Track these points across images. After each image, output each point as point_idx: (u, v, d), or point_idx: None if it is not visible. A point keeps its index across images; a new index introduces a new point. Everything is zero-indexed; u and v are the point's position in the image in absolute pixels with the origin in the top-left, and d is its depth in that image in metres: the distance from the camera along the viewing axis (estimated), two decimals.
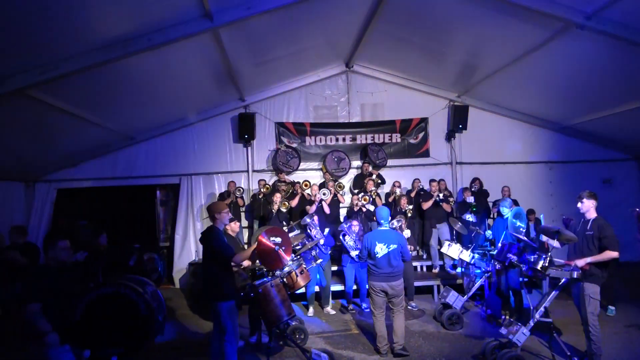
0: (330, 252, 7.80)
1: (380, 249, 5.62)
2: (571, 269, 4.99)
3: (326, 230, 7.78)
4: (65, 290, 4.10)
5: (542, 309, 5.22)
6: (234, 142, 10.47)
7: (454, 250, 7.43)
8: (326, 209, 8.81)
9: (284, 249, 5.15)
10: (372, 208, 8.69)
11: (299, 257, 6.45)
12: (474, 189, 9.59)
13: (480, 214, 9.35)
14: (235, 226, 6.29)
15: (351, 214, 8.95)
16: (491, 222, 9.41)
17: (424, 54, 9.13)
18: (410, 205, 8.82)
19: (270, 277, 5.49)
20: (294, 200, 9.18)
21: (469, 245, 7.55)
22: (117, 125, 8.74)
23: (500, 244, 6.63)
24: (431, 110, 10.86)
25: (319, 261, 7.05)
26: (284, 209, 8.60)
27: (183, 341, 6.66)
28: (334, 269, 8.21)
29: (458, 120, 10.43)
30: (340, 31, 8.57)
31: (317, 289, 7.84)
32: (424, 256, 9.55)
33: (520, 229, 6.44)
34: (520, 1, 6.21)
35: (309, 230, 7.49)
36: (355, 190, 9.87)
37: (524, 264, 5.48)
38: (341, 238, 7.69)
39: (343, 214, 9.89)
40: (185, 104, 9.41)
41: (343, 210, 9.95)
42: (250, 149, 10.45)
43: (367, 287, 5.95)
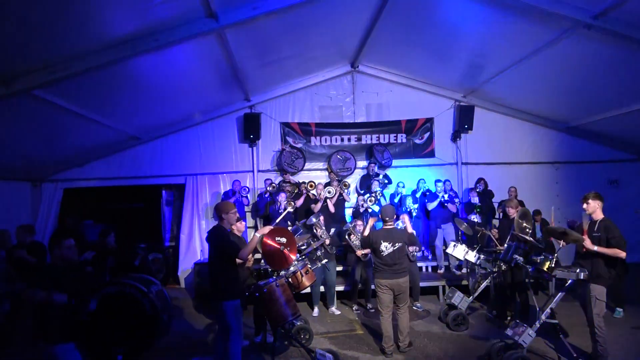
0: (335, 252, 7.79)
1: (386, 247, 5.67)
2: (578, 271, 4.96)
3: (332, 230, 7.79)
4: (71, 289, 4.12)
5: (548, 310, 5.20)
6: (240, 142, 10.49)
7: (460, 251, 7.41)
8: (331, 208, 8.82)
9: (289, 249, 5.16)
10: (377, 208, 8.69)
11: (304, 257, 6.46)
12: (479, 190, 9.55)
13: (486, 214, 9.32)
14: (241, 226, 6.31)
15: (357, 214, 8.95)
16: (496, 223, 9.40)
17: (429, 54, 9.09)
18: (415, 205, 8.80)
19: (275, 277, 5.50)
20: (299, 200, 9.18)
21: (475, 245, 7.52)
22: (123, 125, 8.77)
23: (506, 245, 6.60)
24: (437, 111, 10.83)
25: (324, 261, 7.05)
26: (291, 209, 8.61)
27: (188, 340, 6.68)
28: (339, 269, 8.20)
29: (464, 120, 10.40)
30: (346, 31, 8.56)
31: (323, 288, 7.84)
32: (429, 257, 9.53)
33: (526, 229, 6.41)
34: (527, 0, 6.18)
35: (315, 230, 7.49)
36: (361, 191, 9.86)
37: (529, 265, 5.46)
38: (347, 237, 7.69)
39: (349, 214, 9.88)
40: (191, 104, 9.42)
41: (349, 211, 9.94)
42: (256, 149, 10.46)
43: (373, 287, 5.96)
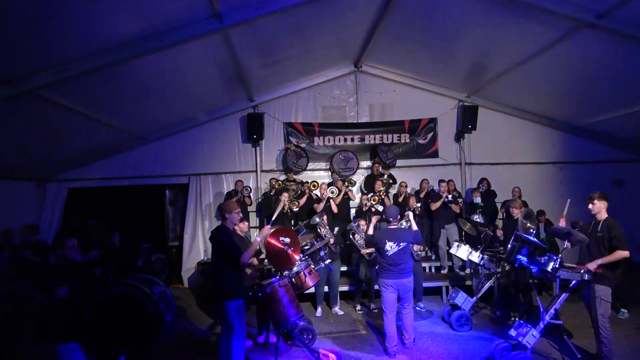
0: (339, 251, 7.79)
1: (390, 247, 5.70)
2: (583, 272, 4.94)
3: (335, 229, 7.78)
4: (75, 289, 4.13)
5: (553, 311, 5.17)
6: (243, 142, 10.50)
7: (463, 251, 7.38)
8: (334, 208, 8.80)
9: (292, 249, 5.16)
10: (381, 208, 8.68)
11: (307, 258, 6.46)
12: (481, 190, 9.53)
13: (488, 214, 9.30)
14: (244, 226, 6.31)
15: (359, 214, 8.94)
16: (499, 223, 9.37)
17: (433, 54, 9.08)
18: (418, 203, 8.79)
19: (278, 277, 5.51)
20: (302, 200, 9.18)
21: (478, 246, 7.50)
22: (127, 125, 8.81)
23: (510, 245, 6.58)
24: (440, 111, 10.82)
25: (328, 262, 7.05)
26: (295, 208, 8.61)
27: (191, 340, 6.70)
28: (343, 268, 8.20)
29: (467, 120, 10.37)
30: (349, 31, 8.56)
31: (326, 289, 7.84)
32: (433, 257, 9.51)
33: (530, 230, 6.38)
34: (531, 0, 6.16)
35: (319, 230, 7.48)
36: (366, 191, 9.86)
37: (534, 266, 5.44)
38: (351, 237, 7.68)
39: (353, 213, 9.88)
40: (195, 104, 9.46)
41: (353, 210, 9.94)
42: (259, 149, 10.47)
43: (377, 287, 5.97)
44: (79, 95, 6.67)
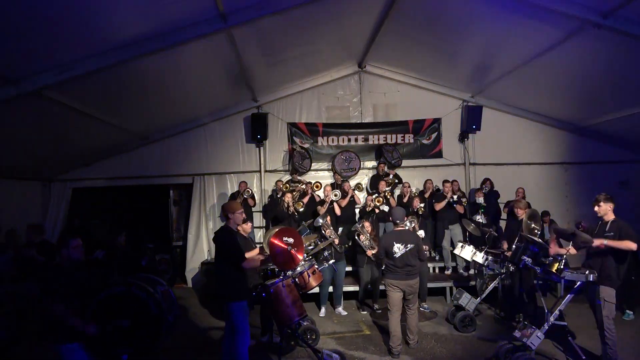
0: (344, 251, 7.78)
1: (398, 249, 5.74)
2: (587, 273, 4.90)
3: (340, 229, 7.77)
4: (79, 288, 4.14)
5: (557, 312, 5.15)
6: (247, 142, 10.50)
7: (467, 252, 7.36)
8: (337, 211, 8.78)
9: (296, 249, 5.16)
10: (387, 209, 8.65)
11: (311, 258, 6.45)
12: (484, 190, 9.49)
13: (491, 215, 9.26)
14: (247, 227, 6.30)
15: (363, 214, 8.91)
16: (502, 224, 9.33)
17: (437, 54, 9.06)
18: (422, 204, 8.76)
19: (281, 277, 5.50)
20: (304, 199, 9.15)
21: (482, 246, 7.47)
22: (132, 125, 8.84)
23: (514, 246, 6.56)
24: (444, 111, 10.79)
25: (331, 262, 7.04)
26: (300, 208, 8.59)
27: (195, 340, 6.71)
28: (348, 269, 8.19)
29: (472, 120, 10.32)
30: (353, 31, 8.55)
31: (331, 289, 7.83)
32: (437, 257, 9.48)
33: (535, 230, 6.36)
34: (535, 0, 6.13)
35: (323, 231, 7.48)
36: (372, 191, 9.84)
37: (538, 267, 5.41)
38: (356, 238, 7.66)
39: (358, 214, 9.85)
40: (199, 104, 9.48)
41: (358, 210, 9.91)
42: (263, 149, 10.47)
43: (381, 287, 5.98)
44: (83, 96, 6.69)
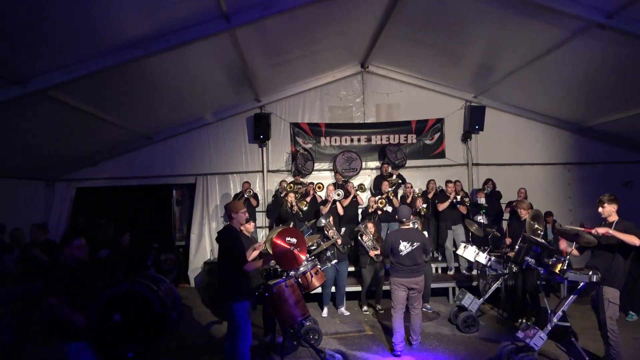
0: (346, 252, 7.78)
1: (404, 247, 5.77)
2: (591, 274, 4.89)
3: (343, 229, 7.77)
4: (83, 288, 4.16)
5: (560, 313, 5.14)
6: (250, 143, 10.52)
7: (470, 253, 7.35)
8: (340, 211, 8.78)
9: (298, 249, 5.16)
10: (390, 209, 8.65)
11: (313, 258, 6.46)
12: (486, 191, 9.48)
13: (492, 215, 9.25)
14: (250, 227, 6.32)
15: (366, 215, 8.91)
16: (503, 224, 9.31)
17: (440, 54, 9.05)
18: (424, 204, 8.75)
19: (284, 277, 5.51)
20: (306, 199, 9.15)
21: (485, 247, 7.46)
22: (135, 125, 8.88)
23: (517, 247, 6.55)
24: (447, 111, 10.77)
25: (334, 262, 7.04)
26: (304, 207, 8.59)
27: (197, 339, 6.72)
28: (350, 269, 8.19)
29: (475, 120, 10.32)
30: (356, 31, 8.55)
31: (333, 289, 7.84)
32: (439, 258, 9.47)
33: (538, 231, 6.34)
34: (539, 0, 6.11)
35: (326, 231, 7.48)
36: (375, 192, 9.83)
37: (541, 267, 5.40)
38: (359, 238, 7.67)
39: (360, 214, 9.85)
40: (202, 104, 9.51)
41: (360, 211, 9.91)
42: (266, 150, 10.49)
43: (385, 287, 5.99)
44: (87, 96, 6.72)
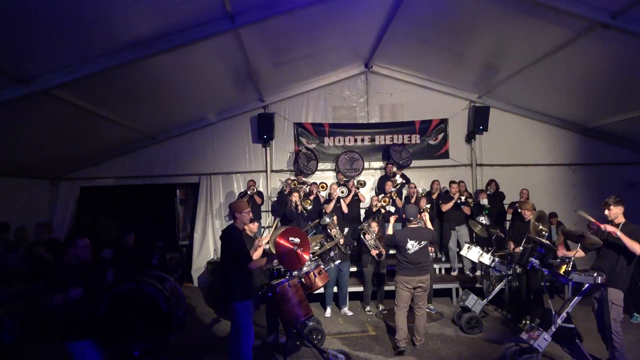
0: (348, 252, 7.77)
1: (412, 245, 5.80)
2: (596, 275, 4.87)
3: (345, 230, 7.75)
4: (87, 288, 4.17)
5: (565, 315, 5.11)
6: (253, 142, 10.53)
7: (474, 253, 7.33)
8: (344, 208, 8.78)
9: (302, 249, 5.16)
10: (393, 209, 8.63)
11: (317, 258, 6.45)
12: (489, 192, 9.45)
13: (495, 216, 9.22)
14: (253, 227, 6.31)
15: (369, 214, 8.90)
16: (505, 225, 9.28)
17: (444, 54, 9.02)
18: (428, 205, 8.72)
19: (287, 277, 5.51)
20: (310, 198, 9.14)
21: (489, 248, 7.44)
22: (139, 124, 8.90)
23: (521, 247, 6.52)
24: (451, 111, 10.75)
25: (337, 262, 7.04)
26: (308, 206, 8.59)
27: (201, 339, 6.73)
28: (353, 269, 8.18)
29: (479, 121, 10.29)
30: (360, 32, 8.54)
31: (335, 289, 7.84)
32: (443, 259, 9.45)
33: (543, 232, 6.32)
34: (544, 0, 6.08)
35: (329, 230, 7.47)
36: (379, 192, 9.81)
37: (546, 268, 5.38)
38: (362, 237, 7.66)
39: (363, 214, 9.83)
40: (206, 104, 9.51)
41: (363, 211, 9.89)
42: (269, 149, 10.49)
43: (386, 288, 5.98)
44: (92, 95, 6.73)
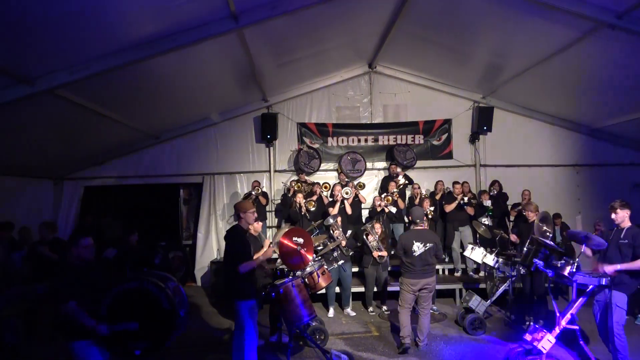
0: (351, 254, 7.76)
1: (418, 248, 5.79)
2: (600, 276, 4.86)
3: (348, 232, 7.74)
4: (91, 287, 4.18)
5: (569, 316, 5.09)
6: (257, 142, 10.53)
7: (477, 254, 7.31)
8: (348, 209, 8.77)
9: (305, 249, 5.17)
10: (394, 210, 8.62)
11: (320, 258, 6.45)
12: (492, 193, 9.41)
13: (498, 217, 9.19)
14: (258, 226, 6.33)
15: (373, 215, 8.88)
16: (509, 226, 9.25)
17: (448, 54, 9.01)
18: (432, 207, 8.71)
19: (291, 277, 5.51)
20: (313, 198, 9.12)
21: (492, 249, 7.42)
22: (143, 124, 8.91)
23: (525, 249, 6.50)
24: (455, 112, 10.73)
25: (340, 262, 7.02)
26: (312, 208, 8.58)
27: (204, 338, 6.74)
28: (354, 270, 8.17)
29: (483, 121, 10.27)
30: (364, 32, 8.54)
31: (338, 289, 7.82)
32: (446, 259, 9.42)
33: (547, 233, 6.29)
34: (549, 0, 6.06)
35: (332, 231, 7.46)
36: (380, 191, 9.80)
37: (550, 270, 5.36)
38: (364, 237, 7.64)
39: (365, 215, 9.81)
40: (209, 103, 9.53)
41: (364, 212, 9.87)
42: (273, 149, 10.49)
43: (389, 288, 5.97)
44: (95, 95, 6.74)
